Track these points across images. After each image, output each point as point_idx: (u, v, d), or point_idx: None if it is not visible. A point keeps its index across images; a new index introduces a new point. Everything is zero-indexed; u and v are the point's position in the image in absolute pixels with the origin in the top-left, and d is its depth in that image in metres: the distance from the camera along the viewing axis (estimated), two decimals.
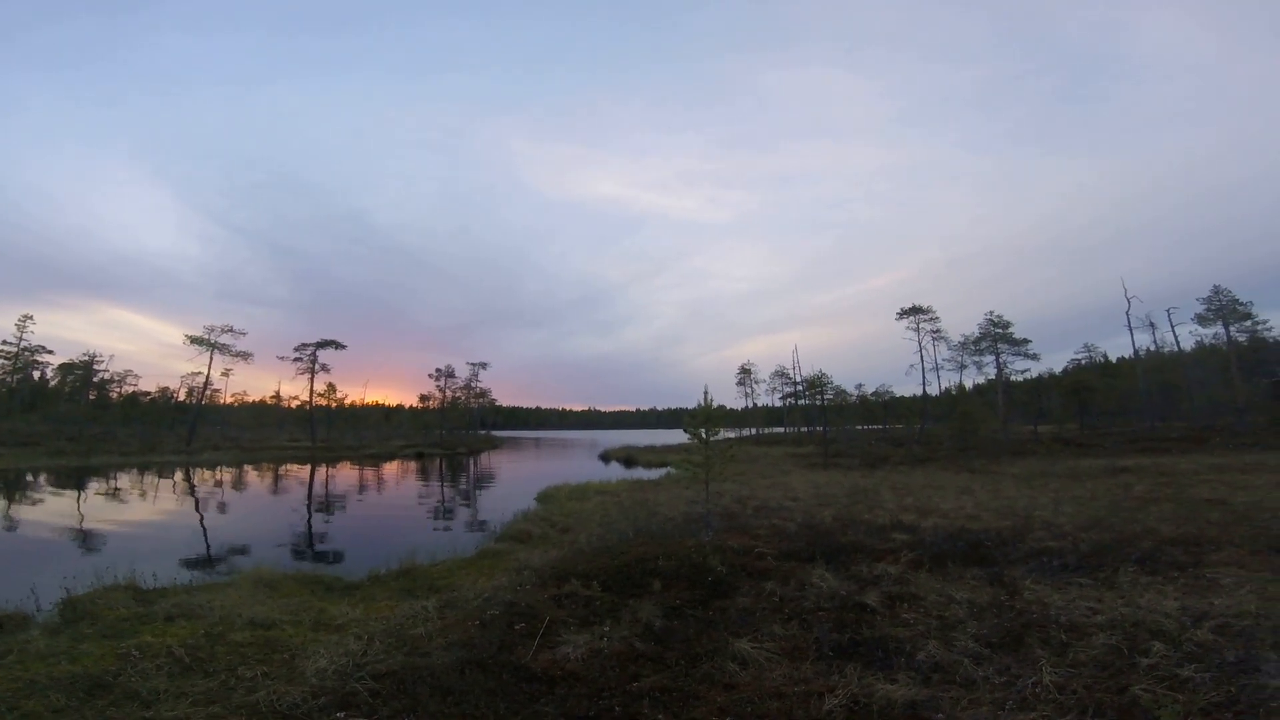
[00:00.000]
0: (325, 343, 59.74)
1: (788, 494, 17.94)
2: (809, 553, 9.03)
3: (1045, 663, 4.73)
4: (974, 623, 5.87)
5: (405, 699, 4.53)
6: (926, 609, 6.39)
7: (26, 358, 58.65)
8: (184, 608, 7.02)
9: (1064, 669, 4.66)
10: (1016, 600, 6.53)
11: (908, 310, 54.54)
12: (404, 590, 8.62)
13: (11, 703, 4.42)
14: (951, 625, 5.85)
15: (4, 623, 6.75)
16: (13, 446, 35.42)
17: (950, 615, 6.14)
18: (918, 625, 5.92)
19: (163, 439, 48.22)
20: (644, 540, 10.13)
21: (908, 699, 4.31)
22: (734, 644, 5.49)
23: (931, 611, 6.30)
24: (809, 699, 4.43)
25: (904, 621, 6.07)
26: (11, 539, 14.03)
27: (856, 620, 6.13)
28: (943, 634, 5.60)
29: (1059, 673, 4.57)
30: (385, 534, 16.00)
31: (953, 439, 40.94)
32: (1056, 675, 4.51)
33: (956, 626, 5.78)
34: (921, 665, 4.94)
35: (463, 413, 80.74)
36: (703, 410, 10.79)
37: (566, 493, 20.95)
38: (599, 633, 5.89)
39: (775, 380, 76.63)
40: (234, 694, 4.66)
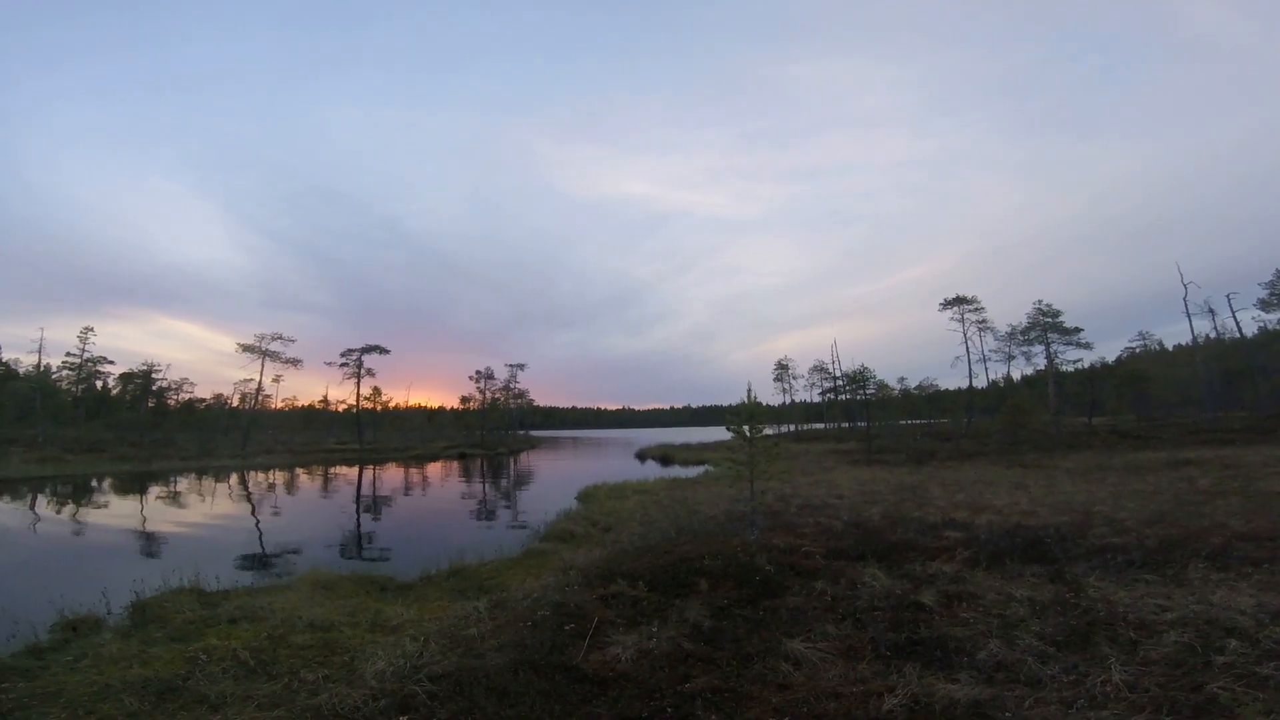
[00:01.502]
0: (369, 348, 61.38)
1: (832, 491, 17.62)
2: (858, 551, 8.91)
3: (1114, 661, 4.58)
4: (1036, 621, 5.72)
5: (462, 701, 4.57)
6: (985, 608, 6.24)
7: (89, 368, 61.72)
8: (247, 610, 7.22)
9: (1134, 667, 4.52)
10: (1081, 598, 6.33)
11: (951, 301, 53.12)
12: (455, 590, 8.75)
13: (88, 706, 4.56)
14: (1013, 624, 5.70)
15: (78, 626, 7.02)
16: (79, 453, 37.21)
17: (1011, 614, 5.99)
18: (977, 624, 5.79)
19: (218, 444, 50.17)
20: (687, 539, 10.09)
21: (971, 698, 4.21)
22: (786, 644, 5.42)
23: (991, 610, 6.15)
24: (867, 699, 4.35)
25: (962, 621, 5.93)
26: (83, 542, 14.70)
27: (913, 620, 6.00)
28: (1004, 633, 5.47)
29: (1129, 671, 4.43)
30: (431, 533, 16.33)
31: (1002, 432, 39.72)
32: (1127, 673, 4.37)
33: (1018, 625, 5.64)
34: (983, 664, 4.83)
35: (502, 413, 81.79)
36: (746, 407, 10.65)
37: (605, 492, 21.03)
38: (647, 633, 5.87)
39: (814, 375, 75.59)
40: (297, 697, 4.76)
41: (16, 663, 5.71)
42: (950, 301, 53.20)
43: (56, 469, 30.15)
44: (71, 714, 4.45)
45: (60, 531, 15.91)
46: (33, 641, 6.54)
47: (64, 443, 41.65)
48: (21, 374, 58.58)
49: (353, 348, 61.12)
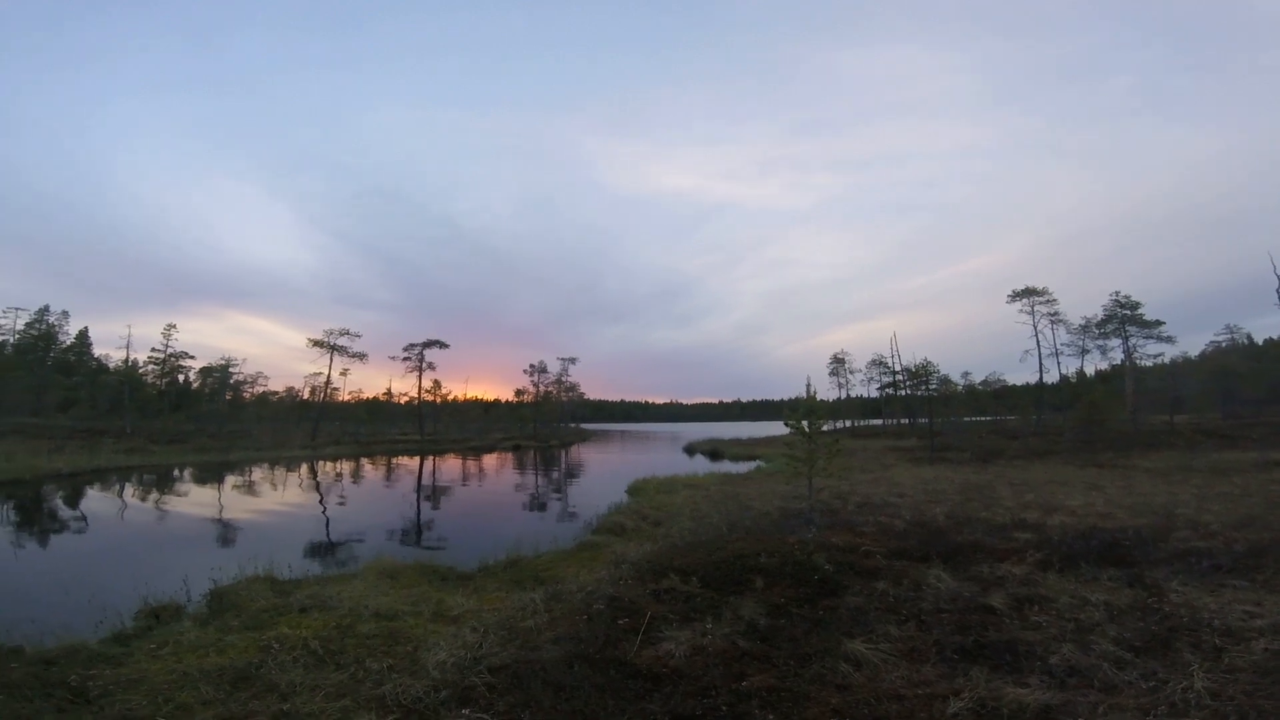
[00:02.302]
0: (430, 342, 63.33)
1: (892, 490, 17.15)
2: (922, 552, 8.68)
3: (1197, 668, 4.41)
4: (1113, 626, 5.55)
5: (520, 694, 4.62)
6: (1058, 611, 6.07)
7: (172, 363, 65.67)
8: (316, 598, 7.46)
9: (1219, 675, 4.35)
10: (1162, 603, 6.12)
11: (1020, 292, 50.82)
12: (512, 581, 8.87)
13: (167, 695, 4.74)
14: (1087, 628, 5.54)
15: (160, 613, 7.38)
16: (163, 444, 39.52)
17: (1086, 618, 5.82)
18: (1049, 628, 5.63)
19: (291, 435, 52.47)
20: (741, 536, 10.00)
21: (1041, 703, 4.09)
22: (846, 644, 5.32)
23: (1064, 614, 5.99)
24: (931, 702, 4.25)
25: (1034, 624, 5.78)
26: (166, 530, 15.59)
27: (981, 622, 5.84)
28: (1078, 637, 5.31)
29: (1213, 678, 4.26)
30: (486, 523, 16.75)
31: (1075, 430, 37.79)
32: (1210, 681, 4.20)
33: (1093, 630, 5.48)
34: (1055, 669, 4.70)
35: (554, 406, 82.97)
36: (805, 402, 10.45)
37: (655, 486, 21.01)
38: (701, 629, 5.85)
39: (872, 369, 73.64)
40: (362, 686, 4.87)
41: (104, 649, 5.98)
42: (1020, 293, 50.90)
43: (143, 459, 31.99)
44: (152, 701, 4.61)
45: (146, 519, 16.93)
46: (119, 628, 6.89)
47: (150, 433, 44.39)
48: (111, 368, 62.97)
49: (414, 342, 63.24)
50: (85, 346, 67.36)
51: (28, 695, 4.66)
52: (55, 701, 4.63)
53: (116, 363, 62.73)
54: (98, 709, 4.52)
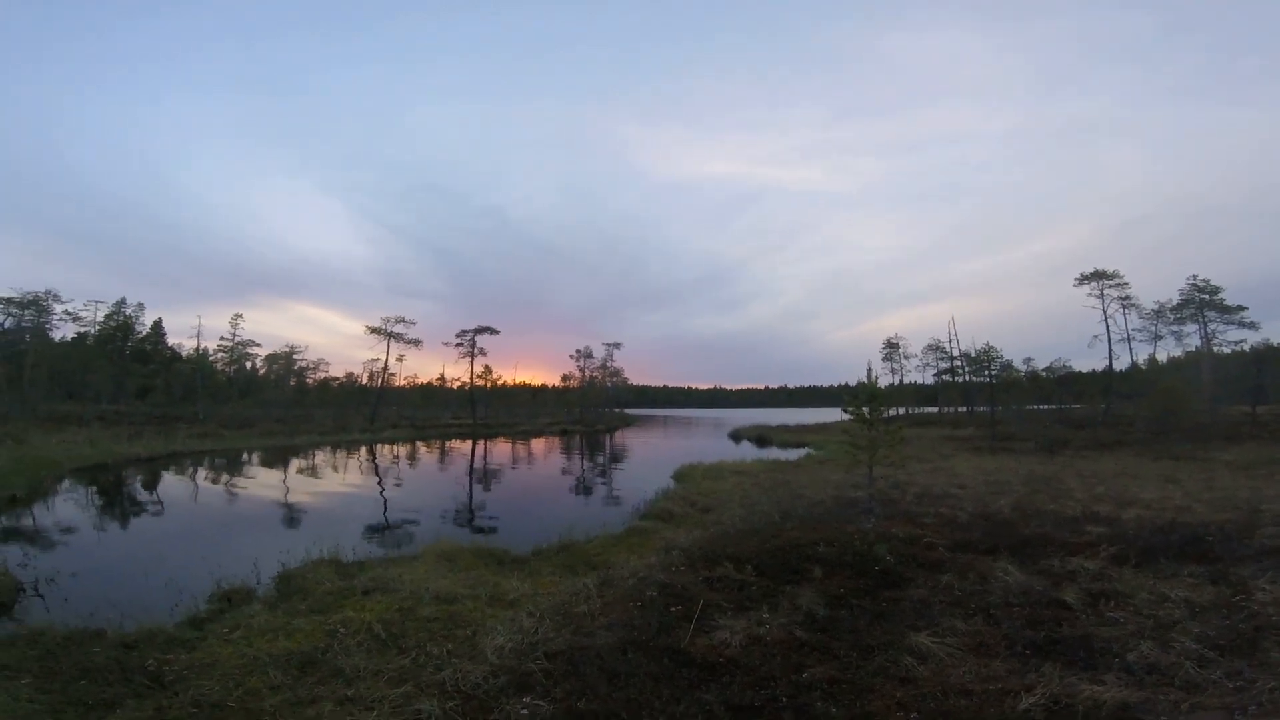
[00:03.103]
0: (481, 329, 64.53)
1: (952, 480, 16.70)
2: (988, 544, 8.47)
3: None
4: (1195, 623, 5.38)
5: (575, 681, 4.63)
6: (1136, 607, 5.92)
7: (240, 351, 68.76)
8: (379, 581, 7.64)
9: None
10: (1249, 601, 5.87)
11: (1088, 275, 48.24)
12: (564, 566, 8.94)
13: (238, 679, 4.89)
14: (1167, 626, 5.37)
15: (232, 596, 7.61)
16: (233, 429, 41.34)
17: (1165, 615, 5.66)
18: (1126, 625, 5.48)
19: (351, 419, 54.31)
20: (795, 525, 9.87)
21: (1119, 700, 3.98)
22: (910, 637, 5.21)
23: (1142, 610, 5.84)
24: (1002, 697, 4.16)
25: (1110, 620, 5.63)
26: (236, 512, 16.37)
27: (1053, 618, 5.72)
28: (1158, 634, 5.16)
29: None
30: (536, 506, 17.05)
31: (1148, 420, 35.78)
32: None
33: (1174, 627, 5.31)
34: (1134, 666, 4.59)
35: (599, 391, 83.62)
36: (866, 388, 10.17)
37: (702, 472, 20.87)
38: (757, 619, 5.78)
39: (928, 355, 71.02)
40: (424, 671, 4.95)
41: (179, 633, 6.21)
42: (1088, 276, 48.32)
43: (214, 444, 33.49)
44: (223, 686, 4.76)
45: (218, 502, 17.80)
46: (194, 611, 7.15)
47: (220, 419, 46.64)
48: (184, 357, 66.36)
49: (466, 329, 64.55)
50: (160, 337, 70.97)
51: (108, 680, 4.86)
52: (134, 686, 4.80)
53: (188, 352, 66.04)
54: (172, 694, 4.66)
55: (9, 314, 50.29)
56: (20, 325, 51.36)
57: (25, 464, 20.06)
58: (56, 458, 22.55)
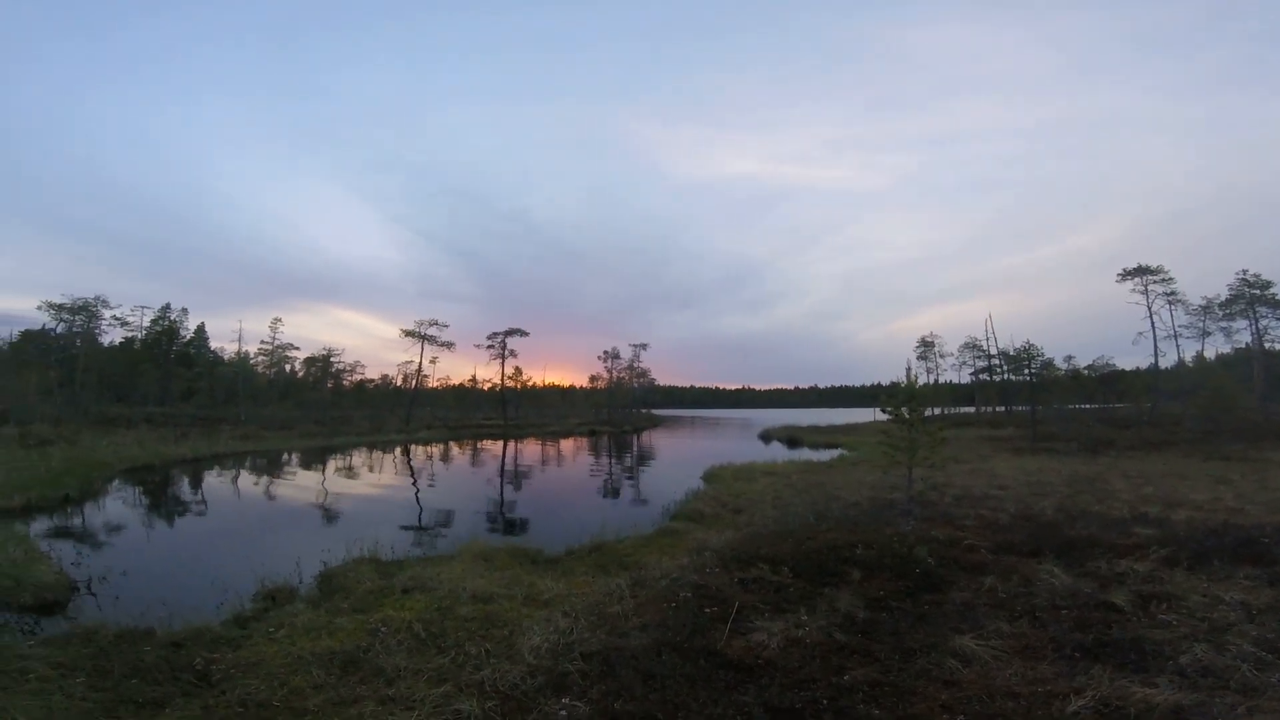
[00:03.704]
0: (512, 331, 65.35)
1: (992, 482, 16.38)
2: (1031, 546, 8.32)
3: None
4: (1252, 626, 5.30)
5: (611, 681, 4.64)
6: (1189, 610, 5.81)
7: (279, 354, 70.61)
8: (418, 580, 7.74)
9: None
10: None
11: (1131, 271, 46.76)
12: (597, 566, 8.95)
13: (282, 678, 4.97)
14: (1222, 628, 5.29)
15: (276, 595, 7.76)
16: (274, 430, 42.43)
17: (1219, 618, 5.56)
18: (1179, 627, 5.39)
19: (386, 420, 55.35)
20: (831, 527, 9.77)
21: (1172, 703, 3.92)
22: (953, 640, 5.15)
23: (1195, 613, 5.73)
24: (1050, 700, 4.11)
25: (1161, 623, 5.53)
26: (278, 511, 16.78)
27: (1102, 620, 5.62)
28: (1213, 637, 5.08)
29: None
30: (567, 507, 17.14)
31: (1197, 419, 34.51)
32: None
33: (1229, 630, 5.23)
34: (1187, 669, 4.52)
35: (626, 392, 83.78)
36: (905, 387, 10.01)
37: (732, 473, 20.71)
38: (794, 621, 5.73)
39: (965, 353, 69.34)
40: (463, 671, 5.00)
41: (226, 632, 6.29)
42: (1131, 271, 46.84)
43: (256, 445, 34.35)
44: (269, 685, 4.84)
45: (260, 501, 18.26)
46: (239, 609, 7.24)
47: (261, 420, 47.89)
48: (226, 360, 68.36)
49: (497, 331, 65.36)
50: (203, 341, 73.20)
51: (158, 678, 4.98)
52: (182, 685, 4.90)
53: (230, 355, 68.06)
54: (219, 692, 4.76)
55: (61, 319, 52.51)
56: (71, 330, 53.55)
57: (78, 464, 20.82)
58: (107, 459, 23.32)
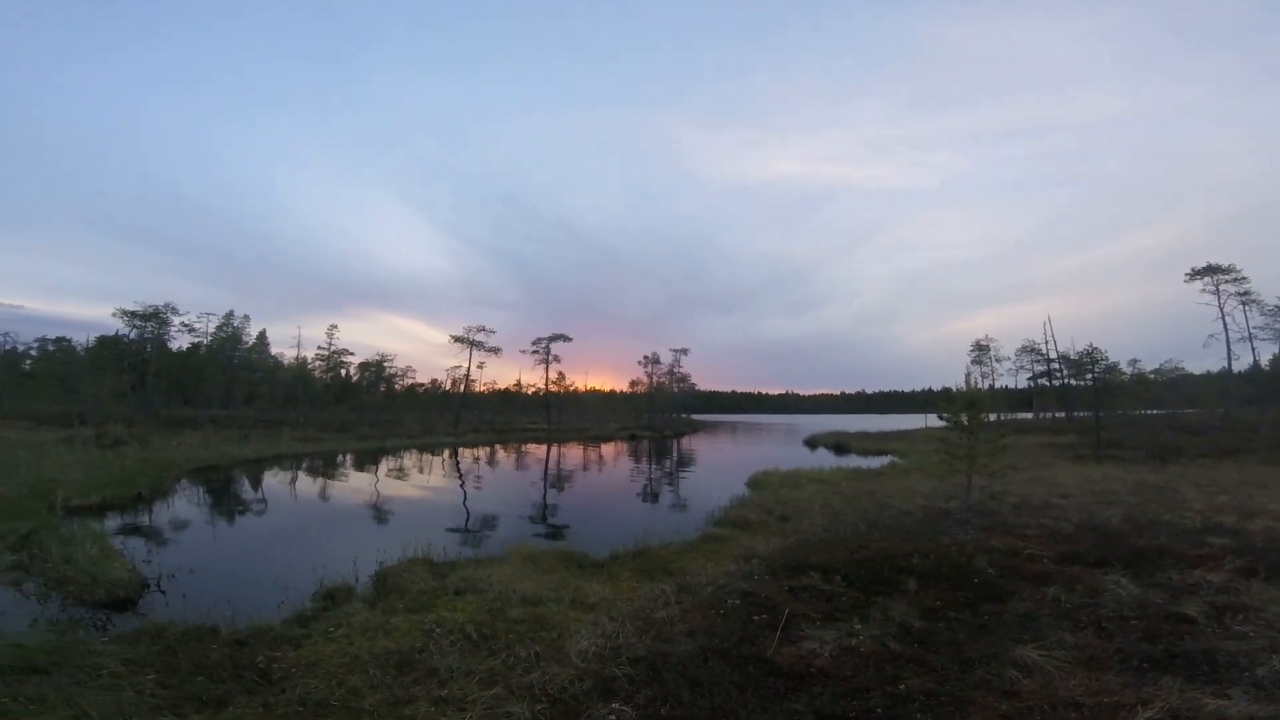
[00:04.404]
0: (555, 336, 66.27)
1: (1053, 490, 15.78)
2: (1096, 556, 8.04)
3: None
4: None
5: (658, 687, 4.63)
6: (1267, 621, 5.63)
7: (336, 359, 73.32)
8: (469, 582, 7.89)
9: None
10: None
11: (1200, 270, 44.30)
12: (641, 571, 8.93)
13: (340, 678, 5.09)
14: None
15: (334, 594, 7.95)
16: (330, 432, 43.89)
17: None
18: (1256, 639, 5.19)
19: (436, 423, 56.75)
20: (884, 535, 9.59)
21: (1245, 715, 3.81)
22: (1014, 650, 5.00)
23: (1274, 624, 5.64)
24: (1116, 711, 3.98)
25: (1237, 634, 5.33)
26: (336, 510, 17.29)
27: (1173, 631, 5.42)
28: None
29: None
30: (609, 511, 17.25)
31: (1273, 425, 32.48)
32: None
33: None
34: (1264, 681, 4.37)
35: (666, 397, 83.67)
36: (965, 394, 9.72)
37: (778, 479, 20.38)
38: (847, 630, 5.64)
39: (1022, 357, 66.56)
40: (513, 673, 5.04)
41: (286, 630, 6.42)
42: (1200, 271, 44.37)
43: (314, 446, 35.58)
44: (327, 685, 4.95)
45: (319, 501, 18.90)
46: (300, 608, 7.45)
47: (319, 423, 49.55)
48: (286, 365, 71.26)
49: (541, 336, 66.33)
50: (264, 346, 76.47)
51: (222, 676, 5.14)
52: (244, 683, 5.04)
53: (290, 360, 71.02)
54: (279, 691, 4.88)
55: (133, 326, 55.60)
56: (143, 336, 56.62)
57: (149, 464, 21.95)
58: (175, 459, 24.47)
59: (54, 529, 10.79)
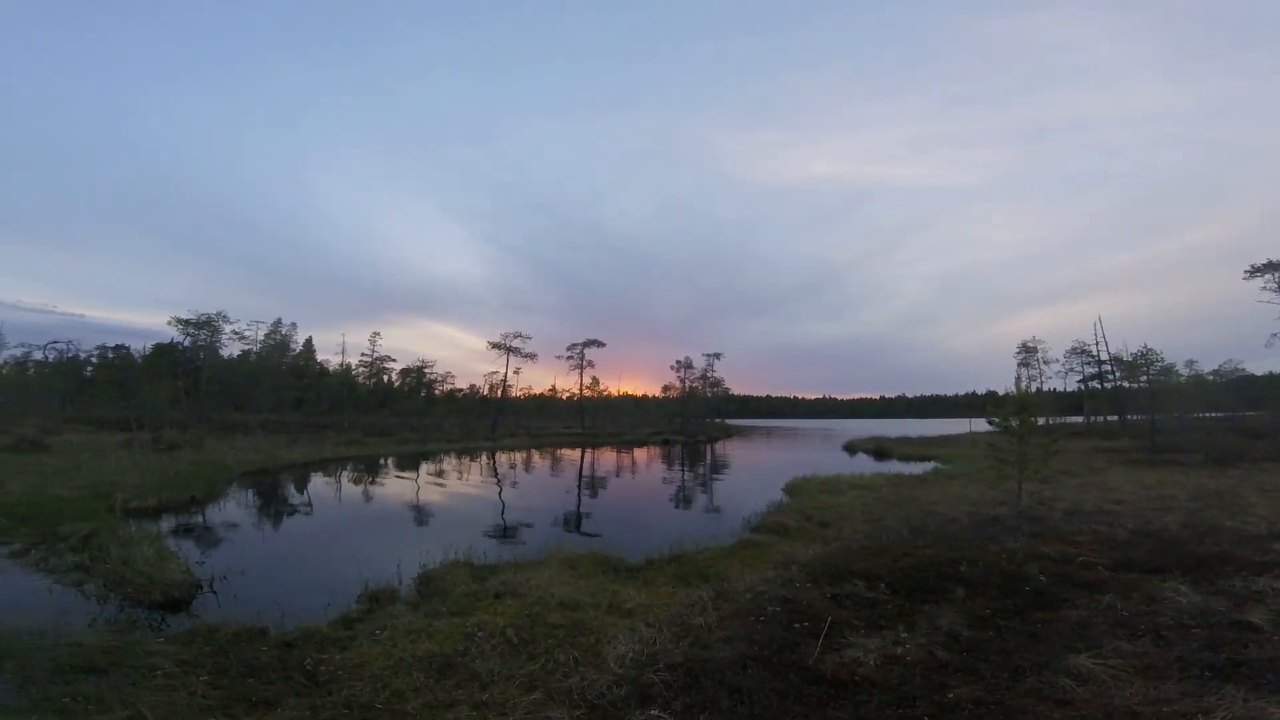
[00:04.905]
0: (590, 342, 66.91)
1: (1107, 495, 15.21)
2: (1154, 563, 7.78)
3: None
4: None
5: (697, 694, 4.59)
6: None
7: (378, 365, 75.59)
8: (509, 586, 7.96)
9: None
10: None
11: (1261, 267, 42.09)
12: (677, 576, 8.88)
13: (384, 680, 5.17)
14: None
15: (379, 596, 8.06)
16: (373, 436, 45.14)
17: None
18: None
19: (474, 427, 57.83)
20: (929, 542, 9.40)
21: None
22: (1068, 659, 4.85)
23: None
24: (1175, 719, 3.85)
25: None
26: (380, 512, 17.72)
27: (1237, 640, 5.20)
28: None
29: None
30: (643, 515, 17.27)
31: None
32: None
33: None
34: None
35: (700, 401, 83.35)
36: (1015, 397, 9.44)
37: (817, 485, 20.04)
38: (893, 638, 5.52)
39: (1071, 359, 64.16)
40: (552, 678, 5.06)
41: (333, 632, 6.51)
42: (1261, 267, 42.13)
43: (358, 450, 36.60)
44: (372, 687, 5.02)
45: (363, 503, 19.39)
46: (345, 611, 7.55)
47: (363, 427, 51.03)
48: (331, 371, 73.43)
49: (575, 342, 67.02)
50: (310, 353, 78.89)
51: (271, 678, 5.25)
52: (293, 685, 5.13)
53: (335, 367, 73.40)
54: (326, 693, 4.95)
55: (187, 334, 58.05)
56: (196, 344, 59.04)
57: (202, 468, 22.77)
58: (227, 462, 25.33)
59: (113, 530, 11.20)
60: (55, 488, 16.04)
